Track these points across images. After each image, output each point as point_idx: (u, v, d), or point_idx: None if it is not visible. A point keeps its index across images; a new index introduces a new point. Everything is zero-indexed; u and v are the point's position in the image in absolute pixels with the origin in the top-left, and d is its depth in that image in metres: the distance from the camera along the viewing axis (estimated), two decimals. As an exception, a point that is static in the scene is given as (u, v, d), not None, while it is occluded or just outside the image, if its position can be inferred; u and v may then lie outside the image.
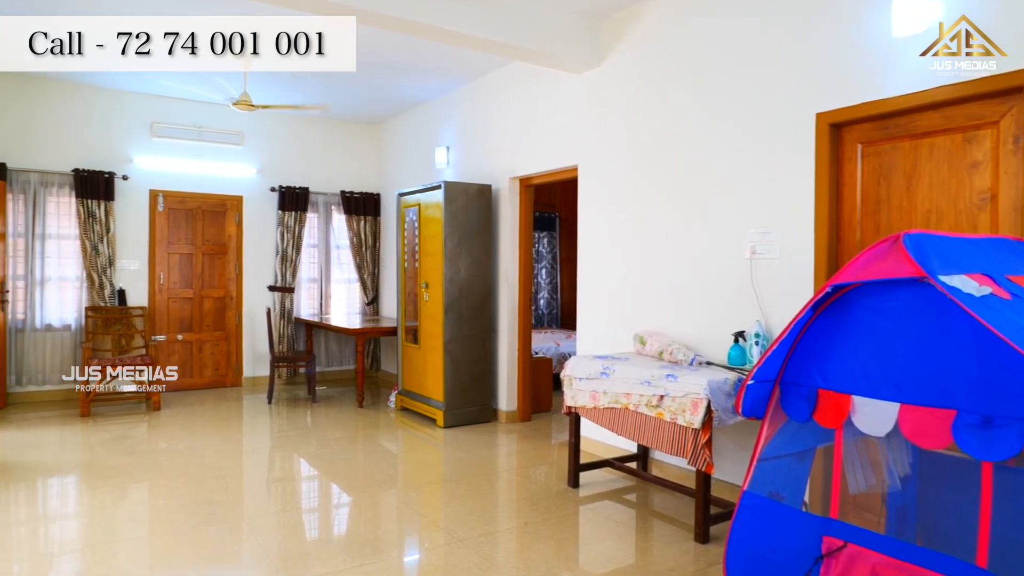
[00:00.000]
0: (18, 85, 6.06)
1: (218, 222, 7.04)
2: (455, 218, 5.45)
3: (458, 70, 5.82)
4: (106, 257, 6.32)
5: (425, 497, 3.97)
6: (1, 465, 4.34)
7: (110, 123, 6.47)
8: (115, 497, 3.86)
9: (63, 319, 6.30)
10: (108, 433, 5.19)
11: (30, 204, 6.12)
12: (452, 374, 5.45)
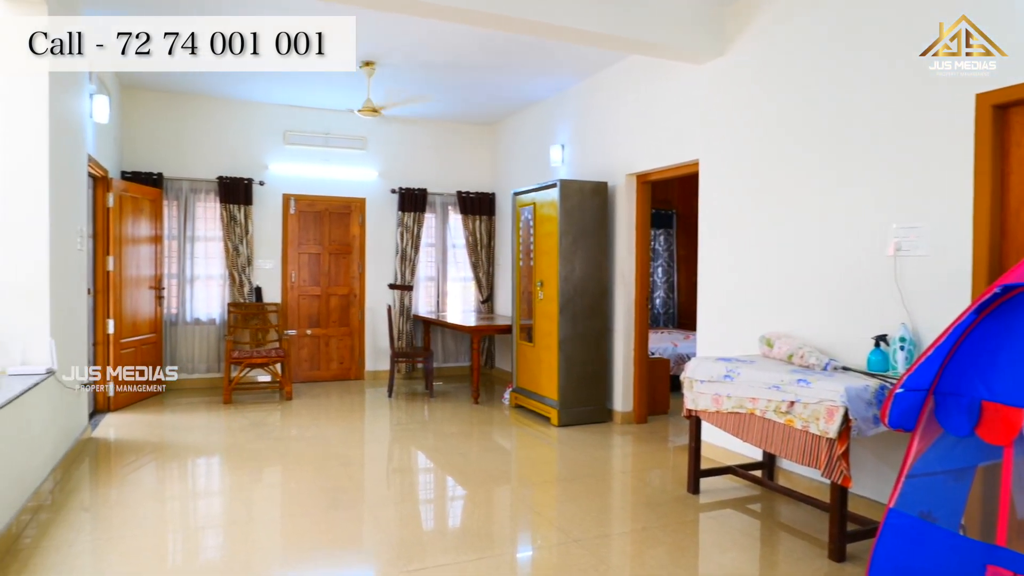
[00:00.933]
0: (172, 103, 6.67)
1: (343, 223, 7.42)
2: (570, 216, 5.40)
3: (573, 67, 5.77)
4: (245, 257, 6.82)
5: (539, 495, 3.95)
6: (160, 444, 4.78)
7: (249, 134, 6.98)
8: (252, 479, 4.15)
9: (209, 314, 6.87)
10: (246, 419, 5.58)
11: (182, 209, 6.72)
12: (566, 373, 5.41)
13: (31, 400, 3.29)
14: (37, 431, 3.48)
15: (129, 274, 5.82)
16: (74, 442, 4.33)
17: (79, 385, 4.37)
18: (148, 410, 5.79)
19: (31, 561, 2.81)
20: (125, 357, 5.75)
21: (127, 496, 3.69)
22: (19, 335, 3.60)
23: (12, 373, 3.45)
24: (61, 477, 3.86)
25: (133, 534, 3.17)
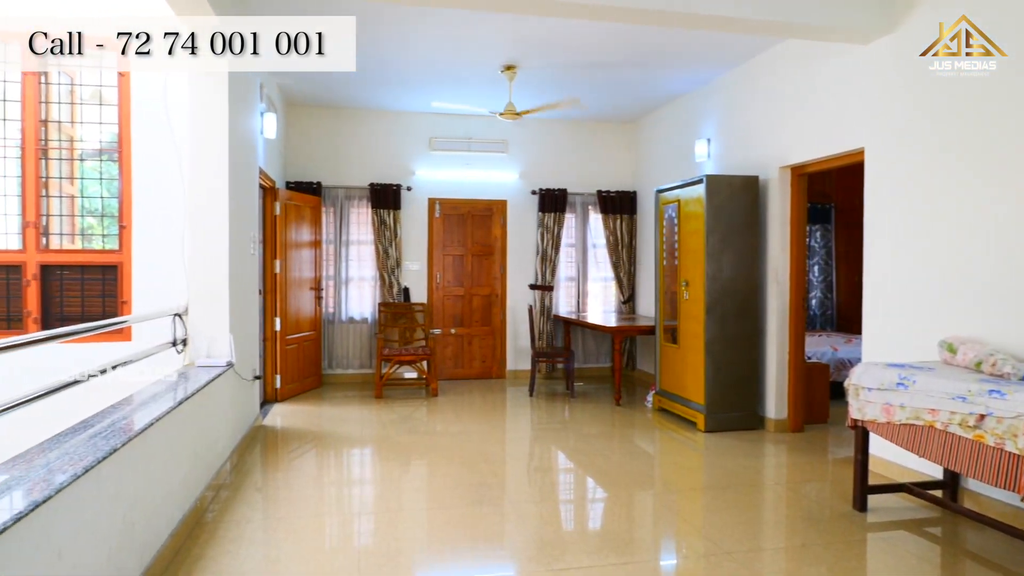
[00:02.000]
0: (329, 117, 7.18)
1: (485, 225, 7.59)
2: (718, 213, 5.14)
3: (719, 58, 5.49)
4: (394, 259, 7.18)
5: (685, 502, 3.78)
6: (319, 434, 5.15)
7: (397, 142, 7.34)
8: (401, 470, 4.34)
9: (362, 313, 7.32)
10: (396, 414, 5.86)
11: (338, 215, 7.22)
12: (714, 376, 5.15)
13: (215, 389, 3.65)
14: (219, 417, 3.86)
15: (293, 276, 6.33)
16: (248, 429, 4.77)
17: (252, 377, 4.80)
18: (309, 402, 6.26)
19: (216, 533, 3.11)
20: (289, 352, 6.26)
21: (292, 480, 3.99)
22: (205, 331, 4.02)
23: (200, 365, 3.86)
24: (237, 460, 4.25)
25: (298, 515, 3.42)
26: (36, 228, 4.57)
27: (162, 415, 2.69)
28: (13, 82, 4.53)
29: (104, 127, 4.67)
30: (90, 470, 1.95)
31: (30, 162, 4.53)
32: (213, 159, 4.08)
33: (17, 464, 1.93)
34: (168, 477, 2.86)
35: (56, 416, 2.51)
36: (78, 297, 4.67)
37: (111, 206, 4.69)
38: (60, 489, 1.75)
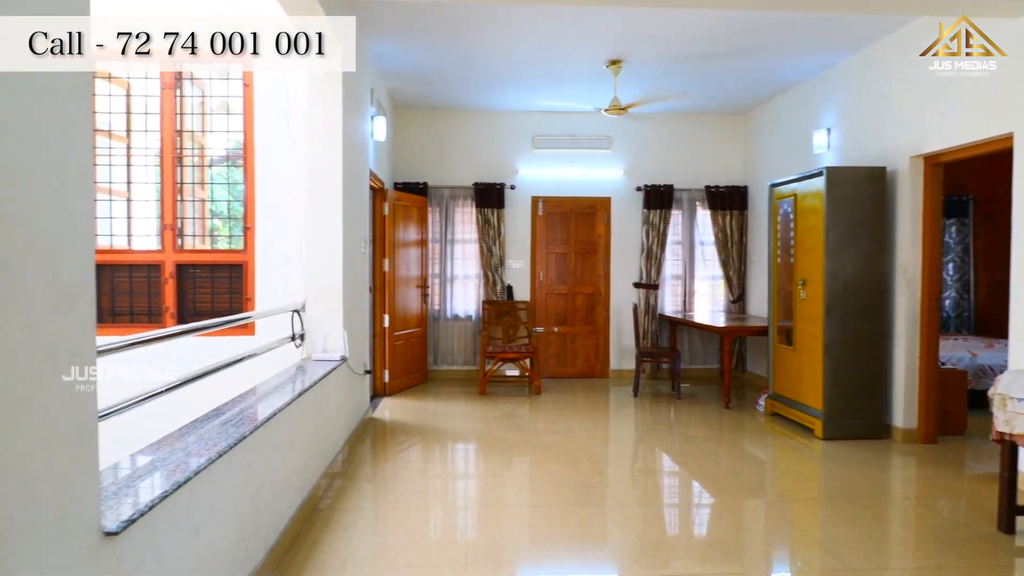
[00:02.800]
0: (435, 119, 7.36)
1: (588, 223, 7.52)
2: (839, 207, 4.81)
3: (841, 41, 5.14)
4: (497, 258, 7.26)
5: (801, 512, 3.56)
6: (425, 428, 5.29)
7: (501, 141, 7.42)
8: (504, 467, 4.37)
9: (466, 310, 7.45)
10: (499, 410, 5.92)
11: (443, 215, 7.38)
12: (833, 380, 4.83)
13: (330, 382, 3.83)
14: (334, 409, 4.04)
15: (400, 274, 6.54)
16: (359, 421, 4.97)
17: (363, 371, 5.00)
18: (415, 396, 6.44)
19: (331, 519, 3.26)
20: (397, 348, 6.47)
21: (399, 472, 4.12)
22: (321, 327, 4.22)
23: (316, 359, 4.06)
24: (349, 451, 4.44)
25: (406, 505, 3.52)
26: (172, 230, 4.97)
27: (284, 406, 2.84)
28: (153, 96, 4.95)
29: (230, 135, 5.02)
30: (223, 455, 2.08)
31: (167, 169, 4.93)
32: (328, 163, 4.28)
33: (161, 447, 2.10)
34: (289, 464, 3.02)
35: (190, 403, 2.70)
36: (208, 294, 5.04)
37: (237, 209, 5.03)
38: (198, 471, 1.88)
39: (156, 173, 4.96)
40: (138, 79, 4.89)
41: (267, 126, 4.75)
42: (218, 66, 4.87)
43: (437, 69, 5.95)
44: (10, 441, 1.15)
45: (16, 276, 1.16)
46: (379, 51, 5.46)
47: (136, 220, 4.98)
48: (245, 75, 4.77)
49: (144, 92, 4.91)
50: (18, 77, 1.18)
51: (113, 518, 1.51)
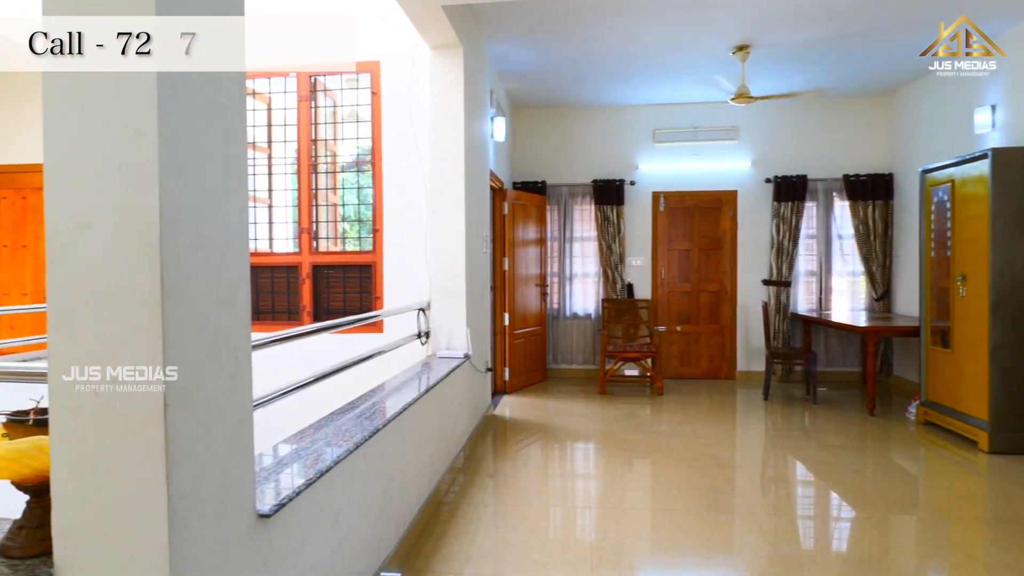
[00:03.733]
0: (553, 117, 7.35)
1: (712, 218, 7.22)
2: (1007, 193, 4.30)
3: (1005, 7, 4.57)
4: (617, 255, 7.14)
5: (962, 533, 3.21)
6: (544, 426, 5.29)
7: (620, 136, 7.29)
8: (624, 467, 4.28)
9: (585, 309, 7.39)
10: (619, 411, 5.82)
11: (562, 213, 7.37)
12: (1002, 388, 4.32)
13: (454, 379, 3.92)
14: (458, 406, 4.14)
15: (520, 273, 6.59)
16: (481, 418, 5.05)
17: (485, 369, 5.08)
18: (534, 395, 6.47)
19: (456, 513, 3.34)
20: (517, 347, 6.53)
21: (519, 469, 4.14)
22: (445, 325, 4.33)
23: (440, 356, 4.17)
24: (472, 447, 4.53)
25: (526, 502, 3.53)
26: (308, 233, 5.30)
27: (413, 401, 2.93)
28: (291, 109, 5.30)
29: (359, 142, 5.27)
30: (360, 447, 2.18)
31: (304, 177, 5.26)
32: (451, 166, 4.38)
33: (303, 437, 2.22)
34: (417, 458, 3.12)
35: (321, 396, 2.83)
36: (341, 293, 5.32)
37: (366, 212, 5.27)
38: (338, 461, 1.97)
39: (293, 180, 5.31)
40: (278, 94, 5.25)
41: (393, 132, 4.95)
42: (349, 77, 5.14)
43: (554, 67, 5.94)
44: (182, 427, 1.25)
45: (187, 276, 1.26)
46: (498, 53, 5.53)
47: (276, 225, 5.36)
48: (373, 83, 4.99)
49: (283, 105, 5.26)
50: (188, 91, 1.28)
51: (265, 502, 1.60)
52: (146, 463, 1.21)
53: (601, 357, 6.58)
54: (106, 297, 1.21)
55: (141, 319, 1.19)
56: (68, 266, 1.22)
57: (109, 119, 1.21)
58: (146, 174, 1.19)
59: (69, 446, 1.24)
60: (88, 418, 1.23)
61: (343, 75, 5.13)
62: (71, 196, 1.22)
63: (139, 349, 1.20)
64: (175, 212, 1.23)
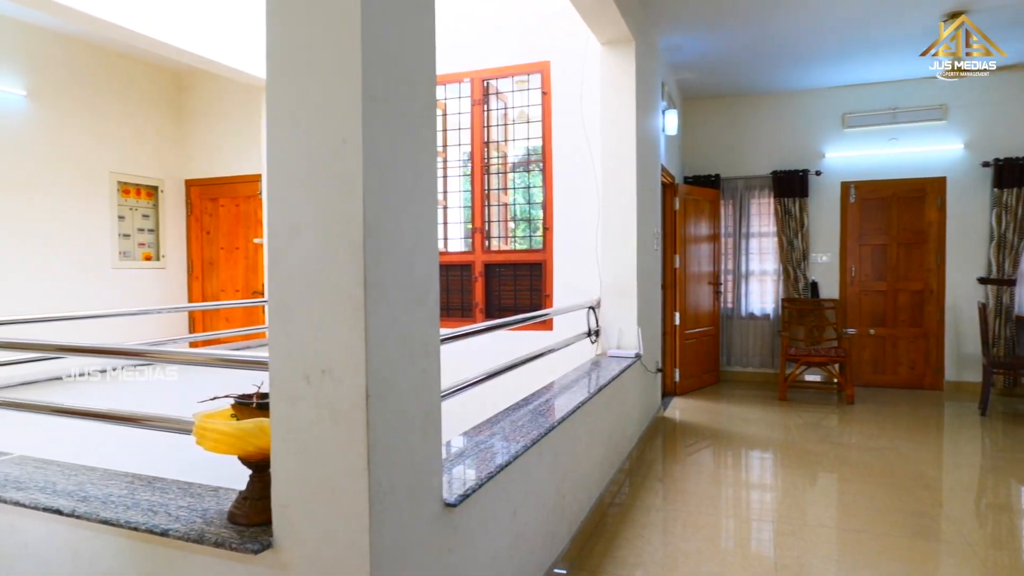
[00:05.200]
0: (726, 107, 6.99)
1: (914, 209, 6.45)
2: None
3: None
4: (800, 251, 6.63)
5: None
6: (716, 431, 5.05)
7: (803, 123, 6.75)
8: (806, 480, 3.95)
9: (763, 309, 6.95)
10: (801, 419, 5.39)
11: (737, 207, 6.98)
12: None
13: (625, 379, 3.86)
14: (628, 406, 4.07)
15: (691, 271, 6.35)
16: (651, 420, 4.93)
17: (655, 369, 4.95)
18: (706, 398, 6.20)
19: (627, 516, 3.28)
20: (688, 347, 6.29)
21: (690, 474, 3.98)
22: (615, 323, 4.28)
23: (611, 355, 4.13)
24: (642, 449, 4.43)
25: (698, 510, 3.38)
26: (481, 233, 5.49)
27: (586, 399, 2.92)
28: (464, 113, 5.53)
29: (530, 142, 5.37)
30: (536, 443, 2.20)
31: (477, 178, 5.46)
32: (622, 162, 4.32)
33: (481, 431, 2.30)
34: (588, 457, 3.11)
35: (490, 391, 2.88)
36: (512, 291, 5.46)
37: (536, 211, 5.36)
38: (516, 456, 2.01)
39: (465, 182, 5.53)
40: (452, 99, 5.50)
41: (564, 131, 4.97)
42: (519, 79, 5.25)
43: (731, 55, 5.63)
44: (380, 416, 1.34)
45: (385, 275, 1.35)
46: (670, 45, 5.36)
47: (451, 225, 5.62)
48: (544, 83, 5.05)
49: (457, 110, 5.50)
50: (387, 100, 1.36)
51: (450, 491, 1.67)
52: (350, 449, 1.31)
53: (781, 360, 6.14)
54: (317, 294, 1.32)
55: (347, 314, 1.29)
56: (285, 266, 1.35)
57: (319, 129, 1.32)
58: (351, 180, 1.29)
59: (286, 428, 1.38)
60: (301, 403, 1.35)
61: (514, 77, 5.25)
62: (287, 201, 1.35)
63: (345, 342, 1.30)
64: (375, 215, 1.31)
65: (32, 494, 1.71)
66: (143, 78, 6.26)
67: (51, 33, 5.44)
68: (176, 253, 6.61)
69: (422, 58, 1.52)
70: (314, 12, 1.31)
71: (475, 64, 5.24)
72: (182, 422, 1.84)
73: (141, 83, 6.24)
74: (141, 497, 1.67)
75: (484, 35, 5.17)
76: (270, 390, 1.41)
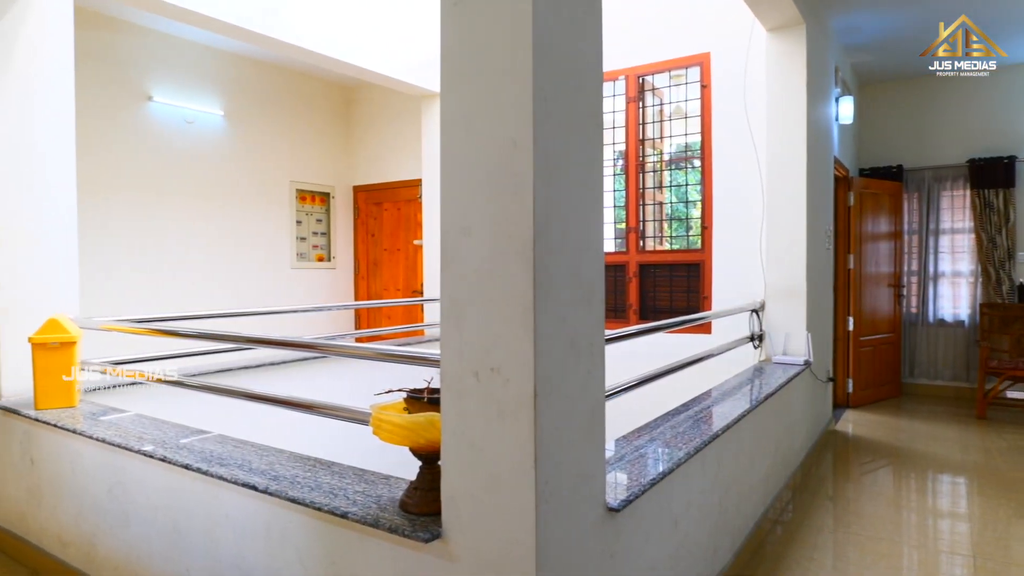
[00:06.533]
0: (908, 91, 6.28)
1: None
2: None
3: None
4: (1003, 250, 5.81)
5: None
6: (896, 449, 4.56)
7: (1008, 103, 5.91)
8: (1011, 512, 3.43)
9: (956, 315, 6.18)
10: (1005, 441, 4.72)
11: (923, 201, 6.26)
12: None
13: (793, 388, 3.60)
14: (796, 417, 3.79)
15: (867, 271, 5.79)
16: (820, 433, 4.56)
17: (826, 378, 4.57)
18: (885, 412, 5.62)
19: (795, 536, 3.05)
20: (863, 355, 5.74)
21: (865, 495, 3.62)
22: (781, 328, 4.01)
23: (776, 361, 3.87)
24: (811, 464, 4.10)
25: (872, 535, 3.06)
26: (635, 233, 5.38)
27: (752, 408, 2.75)
28: (619, 112, 5.44)
29: (687, 138, 5.17)
30: (699, 451, 2.10)
31: (631, 177, 5.35)
32: (790, 155, 4.03)
33: (640, 435, 2.24)
34: (753, 470, 2.92)
35: (642, 395, 2.77)
36: (667, 292, 5.29)
37: (693, 209, 5.15)
38: (679, 464, 1.94)
39: (620, 181, 5.44)
40: (607, 97, 5.44)
41: (724, 125, 4.74)
42: (676, 73, 5.08)
43: (916, 31, 5.05)
44: (547, 416, 1.33)
45: (553, 275, 1.34)
46: (844, 26, 4.92)
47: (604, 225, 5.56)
48: (703, 76, 4.85)
49: (611, 108, 5.43)
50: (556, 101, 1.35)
51: (613, 496, 1.64)
52: (517, 447, 1.32)
53: (980, 374, 5.41)
54: (487, 293, 1.34)
55: (516, 314, 1.30)
56: (456, 266, 1.39)
57: (490, 133, 1.34)
58: (521, 182, 1.29)
59: (455, 423, 1.41)
60: (470, 400, 1.38)
61: (671, 71, 5.09)
62: (458, 203, 1.39)
63: (514, 341, 1.30)
64: (545, 216, 1.31)
65: (232, 470, 1.91)
66: (317, 93, 6.84)
67: (243, 58, 6.10)
68: (344, 254, 7.15)
69: (590, 56, 1.50)
70: (487, 15, 1.33)
71: (630, 61, 5.14)
72: (359, 412, 1.97)
73: (316, 98, 6.82)
74: (322, 480, 1.80)
75: (639, 31, 5.06)
76: (441, 386, 1.45)
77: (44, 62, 2.96)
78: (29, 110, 2.91)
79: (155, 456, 2.11)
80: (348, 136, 7.18)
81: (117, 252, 5.19)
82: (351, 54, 4.51)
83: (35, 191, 2.93)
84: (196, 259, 5.72)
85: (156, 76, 5.49)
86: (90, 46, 4.91)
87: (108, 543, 2.36)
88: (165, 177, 5.54)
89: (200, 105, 5.77)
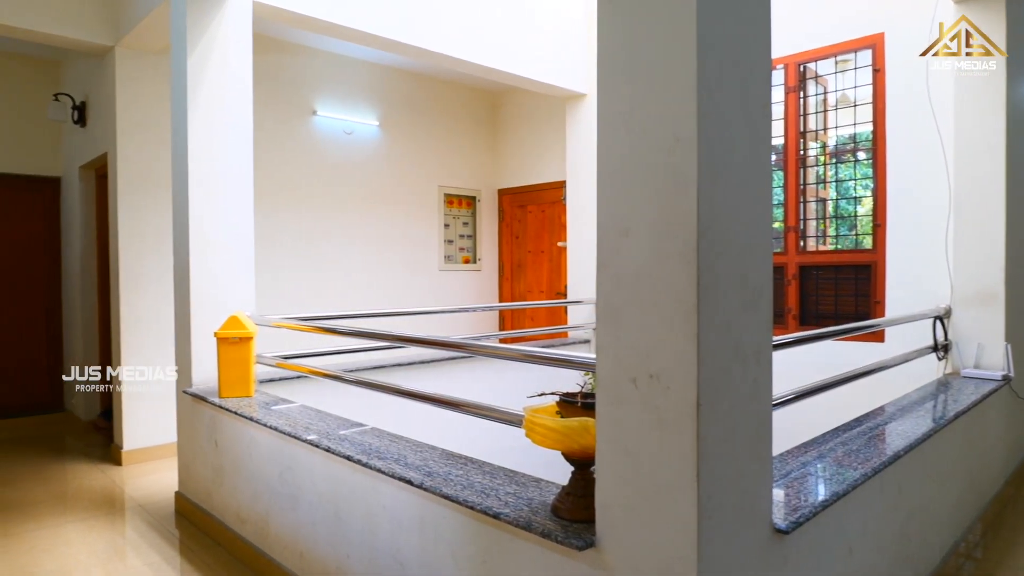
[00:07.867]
0: None
1: None
2: None
3: None
4: None
5: None
6: None
7: None
8: None
9: None
10: None
11: None
12: None
13: (987, 406, 3.16)
14: (992, 439, 3.33)
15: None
16: (1022, 459, 3.98)
17: (1029, 396, 3.98)
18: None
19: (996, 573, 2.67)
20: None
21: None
22: (972, 337, 3.54)
23: (965, 375, 3.42)
24: (1009, 494, 3.58)
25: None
26: (795, 232, 5.01)
27: (938, 427, 2.44)
28: (778, 102, 5.09)
29: (856, 128, 4.73)
30: (878, 472, 1.90)
31: (791, 172, 4.99)
32: (986, 142, 3.55)
33: (808, 450, 2.06)
34: (940, 497, 2.60)
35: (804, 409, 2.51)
36: (831, 296, 4.88)
37: (863, 206, 4.71)
38: (855, 485, 1.75)
39: (778, 177, 5.10)
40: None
41: (901, 112, 4.28)
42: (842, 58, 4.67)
43: None
44: (710, 427, 1.25)
45: (718, 278, 1.26)
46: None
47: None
48: (876, 60, 4.41)
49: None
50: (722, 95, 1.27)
51: (780, 516, 1.51)
52: (679, 458, 1.25)
53: None
54: (646, 296, 1.29)
55: (678, 318, 1.23)
56: (614, 268, 1.34)
57: (651, 129, 1.28)
58: (684, 180, 1.22)
59: (611, 430, 1.37)
60: (627, 407, 1.33)
61: (836, 57, 4.69)
62: (617, 204, 1.34)
63: (675, 347, 1.24)
64: (709, 214, 1.23)
65: (389, 464, 1.99)
66: (464, 100, 7.06)
67: (397, 71, 6.44)
68: (489, 256, 7.32)
69: (758, 43, 1.39)
70: (647, 6, 1.28)
71: (789, 48, 4.81)
72: (509, 414, 1.97)
73: (462, 105, 7.05)
74: (474, 479, 1.83)
75: (799, 15, 4.72)
76: (597, 391, 1.41)
77: (229, 83, 3.30)
78: (215, 129, 3.25)
79: (319, 446, 2.26)
80: (493, 140, 7.35)
81: (282, 254, 5.67)
82: (498, 59, 4.60)
83: (218, 200, 3.27)
84: (352, 261, 6.12)
85: (320, 92, 5.94)
86: (267, 68, 5.41)
87: (279, 523, 2.57)
88: (325, 185, 5.98)
89: (358, 117, 6.17)
